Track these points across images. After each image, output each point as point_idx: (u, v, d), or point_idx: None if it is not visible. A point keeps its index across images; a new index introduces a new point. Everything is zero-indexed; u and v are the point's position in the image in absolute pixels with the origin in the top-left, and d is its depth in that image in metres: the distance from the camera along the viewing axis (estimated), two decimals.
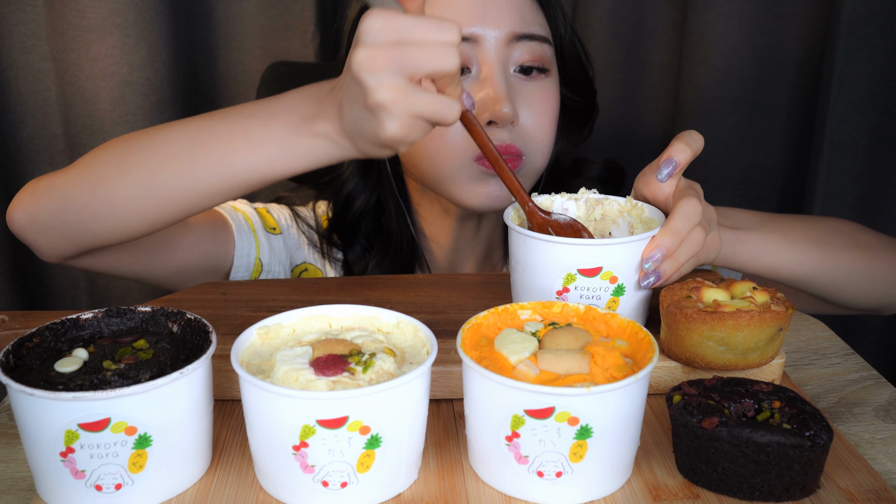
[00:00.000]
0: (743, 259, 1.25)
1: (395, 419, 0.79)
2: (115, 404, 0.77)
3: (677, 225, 1.04)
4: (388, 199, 1.53)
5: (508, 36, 1.35)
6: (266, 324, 0.91)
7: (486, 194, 1.37)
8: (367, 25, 0.94)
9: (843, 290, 1.34)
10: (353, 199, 1.53)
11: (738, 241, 1.24)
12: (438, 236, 1.56)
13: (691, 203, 1.06)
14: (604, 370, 0.83)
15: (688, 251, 1.05)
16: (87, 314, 0.92)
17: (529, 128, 1.38)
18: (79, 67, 1.89)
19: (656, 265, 1.03)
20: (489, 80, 1.34)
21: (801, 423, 0.81)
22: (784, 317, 0.95)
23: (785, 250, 1.28)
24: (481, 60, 1.35)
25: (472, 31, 1.34)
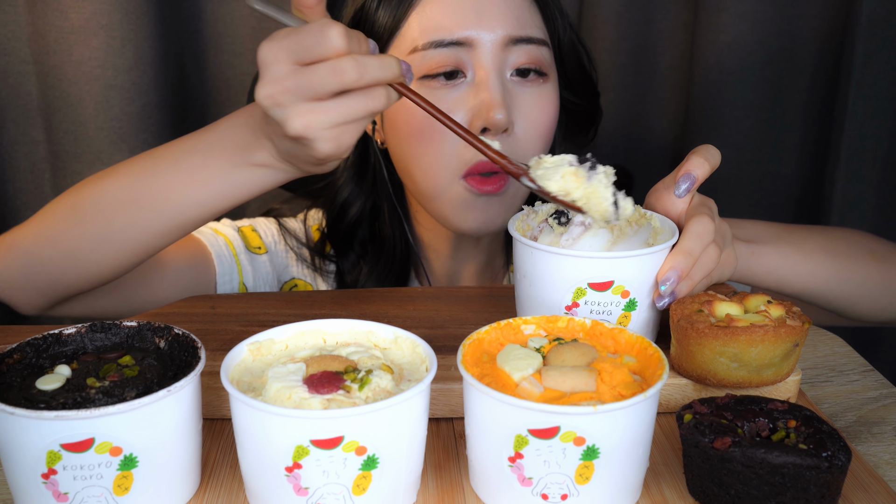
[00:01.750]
0: (757, 273, 1.27)
1: (393, 439, 0.80)
2: (99, 424, 0.77)
3: (690, 245, 1.05)
4: (383, 204, 1.55)
5: (504, 39, 1.36)
6: (257, 339, 0.91)
7: (473, 219, 1.40)
8: (260, 59, 1.00)
9: (859, 302, 1.35)
10: (348, 205, 1.55)
11: (753, 255, 1.25)
12: (437, 244, 1.57)
13: (703, 222, 1.07)
14: (611, 388, 0.83)
15: (702, 270, 1.06)
16: (70, 329, 0.92)
17: (523, 138, 1.39)
18: (61, 70, 1.89)
19: (672, 287, 1.04)
20: (484, 86, 1.35)
21: (818, 444, 0.81)
22: (800, 332, 0.95)
23: (800, 263, 1.29)
24: (476, 65, 1.36)
25: (466, 35, 1.35)
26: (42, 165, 2.01)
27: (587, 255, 1.02)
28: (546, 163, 1.09)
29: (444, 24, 1.35)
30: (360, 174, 1.54)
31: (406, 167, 1.43)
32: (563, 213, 1.12)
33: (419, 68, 1.36)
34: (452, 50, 1.35)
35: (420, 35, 1.36)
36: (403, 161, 1.43)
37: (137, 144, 1.93)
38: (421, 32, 1.36)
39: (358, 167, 1.54)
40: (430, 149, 1.37)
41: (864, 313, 1.37)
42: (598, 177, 1.05)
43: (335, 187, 1.56)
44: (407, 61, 1.27)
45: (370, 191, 1.55)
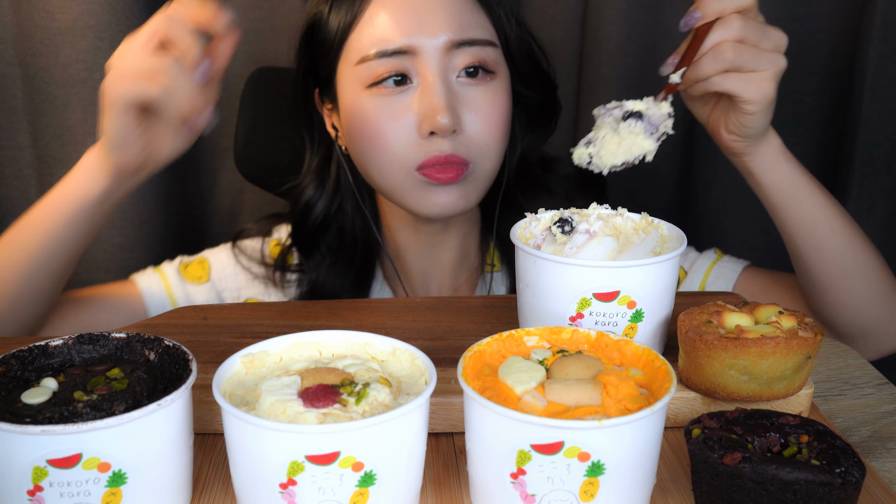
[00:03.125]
0: (779, 174, 1.37)
1: (391, 455, 0.80)
2: (86, 439, 0.77)
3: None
4: (347, 205, 1.65)
5: (447, 45, 1.44)
6: (251, 351, 0.91)
7: (433, 203, 1.48)
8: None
9: (845, 272, 1.42)
10: (311, 206, 1.65)
11: (787, 159, 1.37)
12: (408, 243, 1.65)
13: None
14: (617, 402, 0.83)
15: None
16: (56, 341, 0.92)
17: (475, 134, 1.47)
18: (48, 73, 1.89)
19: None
20: (429, 90, 1.43)
21: (831, 459, 0.81)
22: (812, 343, 0.95)
23: (819, 202, 1.39)
24: (421, 71, 1.44)
25: (408, 43, 1.43)
26: (28, 171, 2.01)
27: (592, 263, 1.02)
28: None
29: (387, 35, 1.43)
30: (322, 176, 1.65)
31: (364, 168, 1.53)
32: (567, 220, 1.13)
33: (368, 77, 1.45)
34: (397, 59, 1.43)
35: (367, 45, 1.45)
36: (361, 162, 1.52)
37: None
38: (368, 43, 1.45)
39: (320, 170, 1.65)
40: (381, 148, 1.46)
41: (839, 297, 1.44)
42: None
43: (300, 188, 1.65)
44: (358, 71, 1.45)
45: (333, 192, 1.64)
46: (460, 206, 1.48)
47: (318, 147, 1.65)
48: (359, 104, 1.46)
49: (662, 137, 1.19)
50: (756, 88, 1.24)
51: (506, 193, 1.64)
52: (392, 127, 1.44)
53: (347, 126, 1.51)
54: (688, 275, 1.66)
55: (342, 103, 1.51)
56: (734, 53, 1.22)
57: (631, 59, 2.08)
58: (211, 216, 2.20)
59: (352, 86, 1.47)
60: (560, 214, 1.15)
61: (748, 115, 1.27)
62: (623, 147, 1.18)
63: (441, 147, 1.43)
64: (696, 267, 1.66)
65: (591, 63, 2.08)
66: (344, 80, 1.49)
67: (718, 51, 1.23)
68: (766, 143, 1.35)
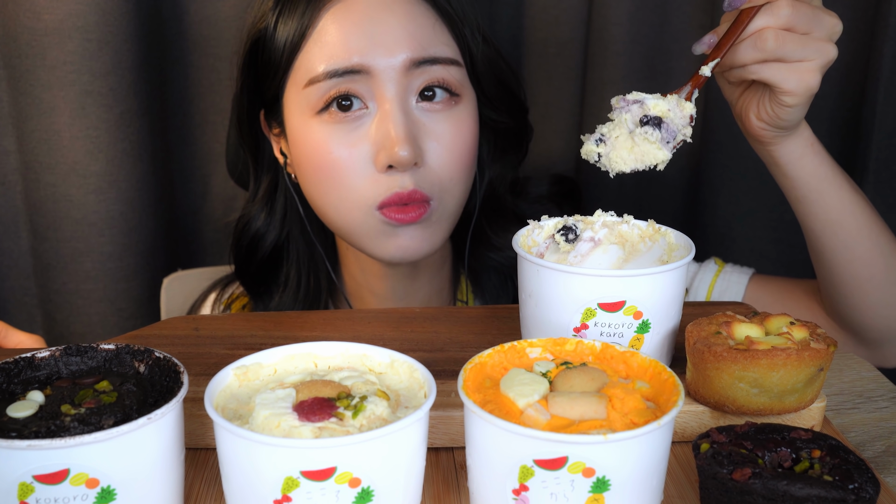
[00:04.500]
0: (806, 167, 1.32)
1: (389, 470, 0.80)
2: (74, 453, 0.77)
3: None
4: (297, 235, 1.57)
5: (406, 63, 1.35)
6: (244, 363, 0.92)
7: (396, 246, 1.40)
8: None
9: (872, 272, 1.37)
10: (260, 237, 1.56)
11: (816, 151, 1.32)
12: (374, 284, 1.57)
13: None
14: (623, 415, 0.83)
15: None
16: (43, 352, 0.92)
17: (438, 168, 1.39)
18: (34, 75, 1.90)
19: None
20: (386, 118, 1.35)
21: (844, 475, 0.82)
22: (825, 355, 0.95)
23: (848, 199, 1.34)
24: (377, 95, 1.36)
25: (360, 62, 1.34)
26: (13, 177, 2.01)
27: (597, 273, 1.02)
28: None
29: (338, 52, 1.35)
30: (271, 205, 1.56)
31: (316, 204, 1.45)
32: (571, 228, 1.13)
33: (317, 100, 1.36)
34: (349, 79, 1.35)
35: (315, 65, 1.36)
36: (313, 197, 1.44)
37: (115, 154, 1.93)
38: (315, 62, 1.36)
39: (269, 198, 1.56)
40: (337, 184, 1.37)
41: (866, 299, 1.39)
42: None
43: (245, 219, 1.58)
44: (306, 94, 1.34)
45: (282, 222, 1.57)
46: (424, 249, 1.41)
47: (265, 173, 1.57)
48: (308, 132, 1.39)
49: (679, 146, 1.17)
50: (798, 79, 1.19)
51: (475, 226, 1.56)
52: (346, 159, 1.36)
53: (296, 156, 1.43)
54: (689, 292, 1.62)
55: (290, 130, 1.43)
56: (776, 42, 1.17)
57: (637, 61, 2.08)
58: (202, 223, 2.20)
59: (300, 111, 1.39)
60: (564, 222, 1.15)
61: (786, 106, 1.23)
62: (635, 154, 1.15)
63: (402, 183, 1.35)
64: (697, 282, 1.62)
65: (595, 65, 2.08)
66: (291, 105, 1.41)
67: (759, 38, 1.18)
68: (797, 134, 1.30)
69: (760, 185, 2.04)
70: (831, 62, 1.20)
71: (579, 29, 2.10)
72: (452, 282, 1.65)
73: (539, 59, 2.12)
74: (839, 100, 1.99)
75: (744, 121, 1.31)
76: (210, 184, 2.16)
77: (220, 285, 1.73)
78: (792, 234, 2.01)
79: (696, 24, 2.07)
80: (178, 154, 2.13)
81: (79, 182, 1.93)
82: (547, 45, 2.11)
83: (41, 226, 1.98)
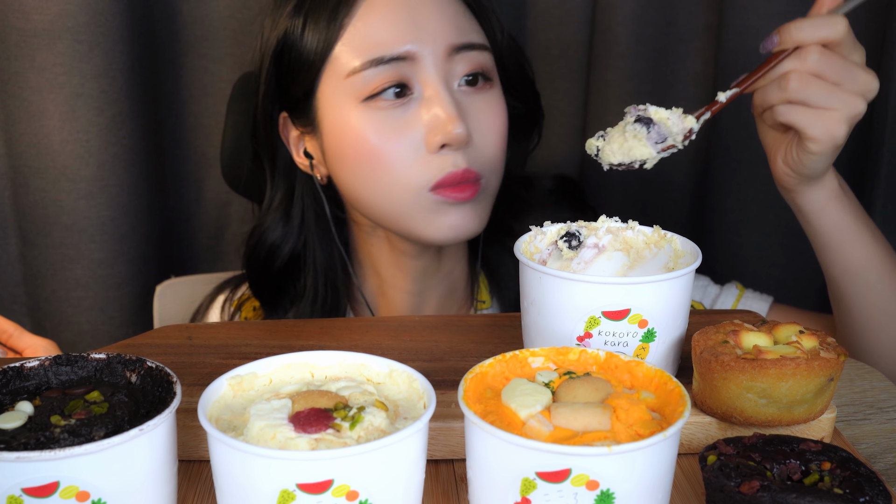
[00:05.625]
0: (829, 219, 1.35)
1: (388, 483, 0.80)
2: (64, 466, 0.77)
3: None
4: (313, 242, 1.59)
5: (447, 49, 1.42)
6: (238, 373, 0.92)
7: (448, 226, 1.44)
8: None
9: (889, 319, 1.39)
10: (277, 248, 1.59)
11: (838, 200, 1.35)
12: (396, 279, 1.61)
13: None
14: (627, 426, 0.83)
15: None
16: (32, 362, 0.92)
17: (483, 147, 1.45)
18: (23, 77, 1.90)
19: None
20: (435, 100, 1.40)
21: (855, 488, 0.82)
22: (835, 365, 0.95)
23: (869, 244, 1.37)
24: (422, 80, 1.42)
25: (406, 50, 1.40)
26: (2, 182, 2.01)
27: (601, 280, 1.02)
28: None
29: (381, 40, 1.40)
30: (288, 213, 1.59)
31: (360, 195, 1.48)
32: (574, 234, 1.13)
33: (363, 89, 1.41)
34: (394, 66, 1.40)
35: (356, 55, 1.41)
36: (357, 189, 1.47)
37: (107, 158, 1.93)
38: (357, 52, 1.41)
39: (285, 208, 1.59)
40: (389, 169, 1.42)
41: (880, 344, 1.41)
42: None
43: (261, 229, 1.59)
44: (349, 84, 1.40)
45: (299, 230, 1.59)
46: (474, 227, 1.46)
47: (282, 181, 1.60)
48: (352, 121, 1.43)
49: (669, 150, 1.22)
50: (823, 127, 1.24)
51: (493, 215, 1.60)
52: (396, 144, 1.41)
53: (337, 148, 1.47)
54: None
55: (327, 123, 1.47)
56: (799, 84, 1.23)
57: (642, 62, 2.08)
58: (196, 230, 2.20)
59: (341, 102, 1.44)
60: (567, 228, 1.15)
61: (810, 153, 1.27)
62: (623, 148, 1.21)
63: (455, 162, 1.40)
64: (719, 305, 1.65)
65: (599, 67, 2.08)
66: (330, 97, 1.46)
67: (784, 79, 1.24)
68: (820, 185, 1.33)
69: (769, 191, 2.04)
70: (859, 116, 1.24)
71: (583, 30, 2.11)
72: (469, 279, 1.68)
73: (542, 60, 2.12)
74: None
75: (772, 164, 1.35)
76: (204, 188, 2.17)
77: (229, 286, 1.74)
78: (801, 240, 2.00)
79: (701, 24, 2.07)
80: (170, 158, 2.14)
81: (69, 187, 1.93)
82: (550, 46, 2.12)
83: (30, 232, 1.98)
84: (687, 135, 1.24)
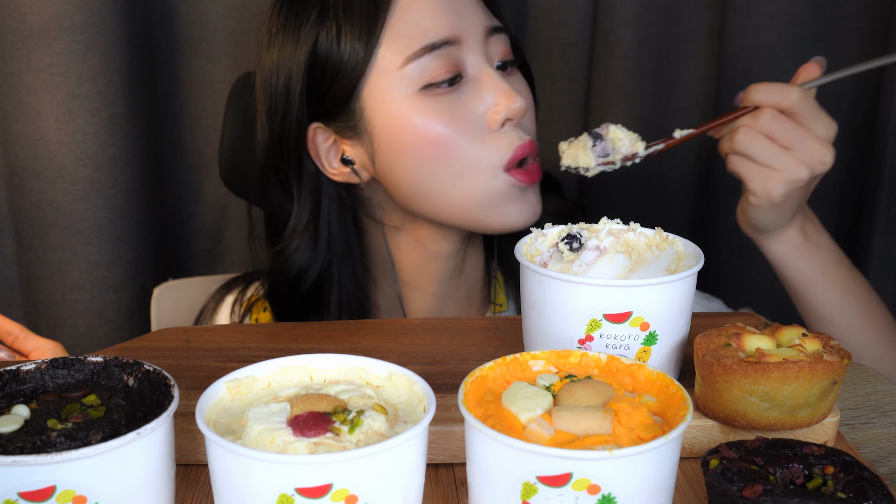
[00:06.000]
0: (789, 264, 1.44)
1: (387, 487, 0.80)
2: (61, 470, 0.77)
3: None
4: (342, 259, 1.57)
5: (484, 31, 1.45)
6: (237, 376, 0.92)
7: (520, 211, 1.47)
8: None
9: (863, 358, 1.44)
10: (304, 271, 1.55)
11: (801, 253, 1.43)
12: (420, 282, 1.60)
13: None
14: (629, 430, 0.83)
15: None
16: (28, 365, 0.92)
17: (527, 125, 1.49)
18: (19, 78, 1.90)
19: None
20: (489, 80, 1.43)
21: (859, 492, 0.82)
22: (838, 368, 0.95)
23: (837, 291, 1.45)
24: (470, 62, 1.44)
25: (453, 33, 1.42)
26: None
27: (603, 282, 1.02)
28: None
29: (428, 28, 1.42)
30: (316, 235, 1.55)
31: (427, 187, 1.46)
32: (575, 237, 1.13)
33: (420, 77, 1.41)
34: (445, 51, 1.42)
35: (406, 46, 1.41)
36: (424, 181, 1.46)
37: (104, 160, 1.93)
38: (406, 43, 1.42)
39: (314, 227, 1.55)
40: (460, 153, 1.43)
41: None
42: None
43: (287, 252, 1.55)
44: (404, 74, 1.41)
45: (326, 252, 1.56)
46: (538, 212, 1.49)
47: (309, 196, 1.55)
48: (412, 113, 1.43)
49: (607, 165, 1.34)
50: (760, 182, 1.34)
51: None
52: (463, 128, 1.43)
53: (395, 143, 1.45)
54: None
55: (380, 120, 1.45)
56: (745, 138, 1.35)
57: (644, 63, 2.08)
58: (194, 232, 2.20)
59: (394, 96, 1.43)
60: (568, 230, 1.15)
61: (750, 205, 1.38)
62: (570, 153, 1.34)
63: (519, 135, 1.44)
64: None
65: (601, 67, 2.09)
66: (378, 94, 1.44)
67: (735, 132, 1.36)
68: (778, 238, 1.43)
69: None
70: (800, 182, 1.33)
71: (584, 30, 2.11)
72: (485, 281, 1.68)
73: (543, 61, 2.12)
74: (852, 106, 1.99)
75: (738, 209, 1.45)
76: (202, 190, 2.17)
77: (237, 286, 1.71)
78: None
79: (704, 25, 2.07)
80: (168, 160, 2.14)
81: (65, 189, 1.93)
82: (551, 46, 2.12)
83: (26, 234, 1.98)
84: (629, 157, 1.34)
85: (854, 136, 2.01)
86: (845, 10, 1.94)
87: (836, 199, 2.05)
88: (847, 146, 2.01)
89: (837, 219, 2.06)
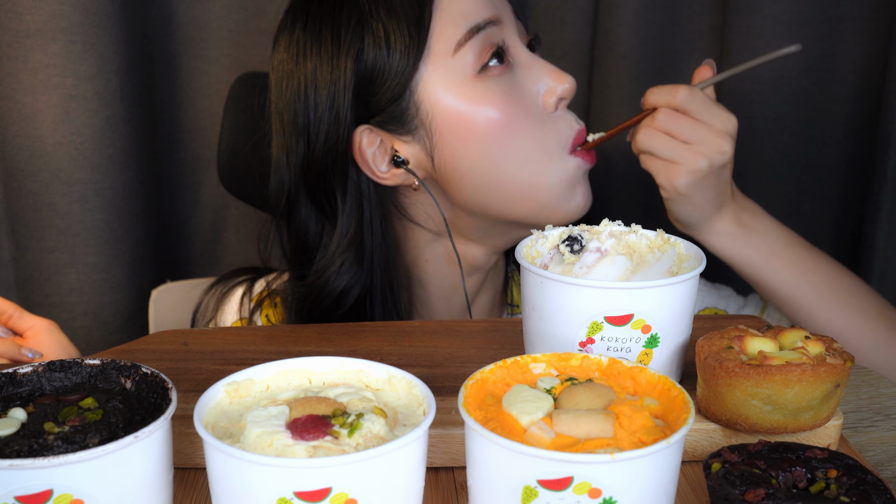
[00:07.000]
0: (728, 254, 1.50)
1: (387, 491, 0.80)
2: (58, 473, 0.77)
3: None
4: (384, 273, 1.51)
5: (513, 13, 1.48)
6: (235, 379, 0.92)
7: (582, 194, 1.50)
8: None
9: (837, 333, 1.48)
10: (346, 293, 1.48)
11: (737, 241, 1.49)
12: (447, 291, 1.58)
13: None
14: (630, 434, 0.83)
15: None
16: (25, 368, 0.92)
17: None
18: (15, 79, 1.90)
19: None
20: (531, 61, 1.47)
21: (862, 496, 0.82)
22: (841, 371, 0.95)
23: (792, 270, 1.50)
24: (510, 44, 1.46)
25: (494, 14, 1.44)
26: None
27: (604, 285, 1.02)
28: None
29: (470, 10, 1.42)
30: (362, 250, 1.48)
31: (492, 175, 1.44)
32: (576, 239, 1.13)
33: (472, 63, 1.42)
34: (489, 31, 1.43)
35: (455, 29, 1.42)
36: (488, 169, 1.44)
37: (101, 161, 1.93)
38: (455, 27, 1.42)
39: (357, 248, 1.47)
40: (526, 135, 1.44)
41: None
42: None
43: (328, 273, 1.47)
44: (457, 61, 1.42)
45: (370, 269, 1.49)
46: (591, 198, 1.53)
47: (355, 207, 1.48)
48: (474, 97, 1.42)
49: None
50: (665, 176, 1.41)
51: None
52: (524, 109, 1.44)
53: (460, 132, 1.43)
54: None
55: (440, 111, 1.42)
56: (647, 137, 1.43)
57: (645, 63, 2.08)
58: (192, 234, 2.20)
59: (453, 84, 1.42)
60: (569, 232, 1.15)
61: (665, 200, 1.47)
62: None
63: (577, 119, 1.49)
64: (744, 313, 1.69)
65: (602, 68, 2.08)
66: (435, 85, 1.41)
67: (638, 132, 1.45)
68: (711, 231, 1.48)
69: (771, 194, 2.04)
70: (700, 172, 1.40)
71: (585, 30, 2.11)
72: (504, 292, 1.69)
73: None
74: (856, 105, 1.99)
75: None
76: (200, 192, 2.17)
77: (245, 280, 1.68)
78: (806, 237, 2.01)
79: (706, 25, 2.07)
80: (166, 161, 2.14)
81: (62, 190, 1.93)
82: (552, 47, 2.12)
83: (23, 236, 1.98)
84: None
85: (856, 134, 2.00)
86: (848, 10, 1.94)
87: (839, 200, 2.05)
88: (850, 146, 2.01)
89: (840, 219, 2.06)
